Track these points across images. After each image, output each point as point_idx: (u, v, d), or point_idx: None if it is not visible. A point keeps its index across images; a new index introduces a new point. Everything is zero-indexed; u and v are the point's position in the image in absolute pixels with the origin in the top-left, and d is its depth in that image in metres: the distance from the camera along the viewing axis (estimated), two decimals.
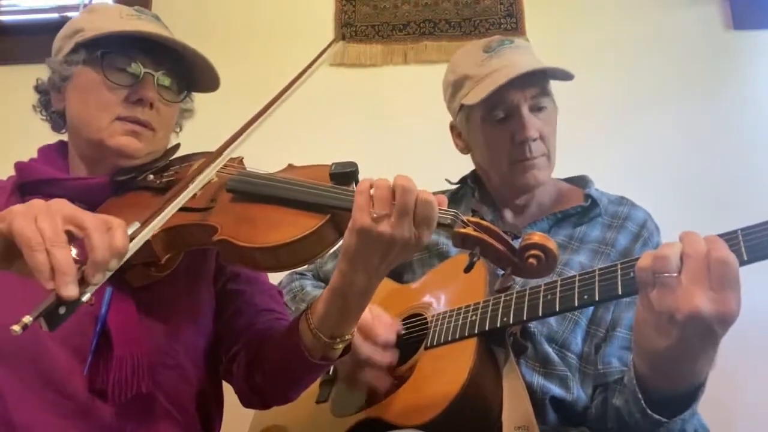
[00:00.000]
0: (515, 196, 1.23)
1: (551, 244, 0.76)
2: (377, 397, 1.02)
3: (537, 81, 1.16)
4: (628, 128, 1.89)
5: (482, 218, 0.79)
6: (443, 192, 1.36)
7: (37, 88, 1.07)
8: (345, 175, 0.88)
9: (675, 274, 0.71)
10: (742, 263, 0.71)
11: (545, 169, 1.19)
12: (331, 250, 0.88)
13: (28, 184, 1.01)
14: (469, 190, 1.33)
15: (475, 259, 0.78)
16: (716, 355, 0.75)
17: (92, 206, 0.94)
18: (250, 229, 0.84)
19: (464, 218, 0.79)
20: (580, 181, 1.30)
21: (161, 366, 0.95)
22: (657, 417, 0.81)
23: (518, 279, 1.13)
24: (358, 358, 0.99)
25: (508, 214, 1.26)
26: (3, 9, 2.14)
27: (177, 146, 1.08)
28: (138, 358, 0.89)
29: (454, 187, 1.38)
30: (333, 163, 0.90)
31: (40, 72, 1.03)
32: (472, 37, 1.99)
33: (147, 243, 0.85)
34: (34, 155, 1.09)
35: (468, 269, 0.79)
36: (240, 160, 1.02)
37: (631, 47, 1.96)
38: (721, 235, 0.73)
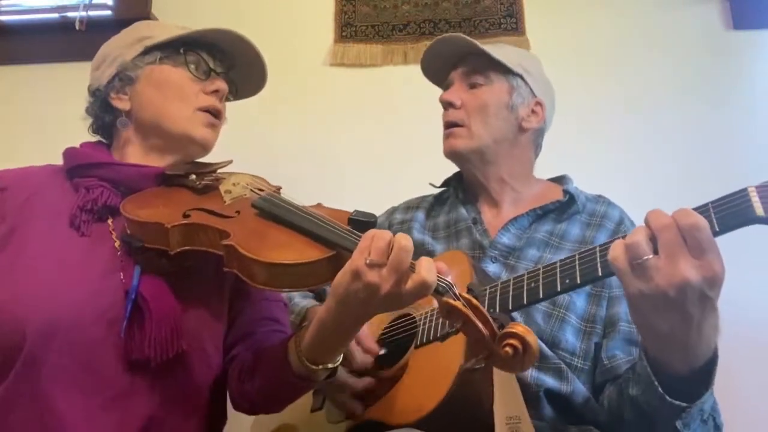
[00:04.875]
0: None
1: (532, 339, 0.74)
2: (371, 399, 1.03)
3: (472, 60, 1.30)
4: (627, 128, 1.89)
5: (476, 297, 0.79)
6: (426, 196, 1.41)
7: (95, 92, 1.12)
8: (362, 223, 0.94)
9: (651, 256, 0.71)
10: (715, 234, 0.71)
11: (460, 137, 1.26)
12: (325, 286, 0.91)
13: (78, 167, 1.07)
14: (453, 192, 1.35)
15: (452, 330, 0.79)
16: (719, 320, 0.74)
17: (134, 191, 1.03)
18: (258, 243, 0.88)
19: (457, 291, 0.80)
20: (559, 180, 1.32)
21: (187, 345, 0.96)
22: (677, 403, 0.79)
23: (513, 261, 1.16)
24: (335, 380, 1.01)
25: (487, 211, 1.28)
26: (3, 9, 2.13)
27: (229, 162, 1.15)
28: (174, 319, 0.93)
29: (439, 190, 1.40)
30: (355, 210, 0.97)
31: (40, 72, 1.04)
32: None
33: (164, 230, 0.93)
34: (35, 153, 1.12)
35: (443, 338, 0.80)
36: (278, 189, 1.10)
37: (631, 47, 1.96)
38: (728, 195, 0.73)
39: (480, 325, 0.76)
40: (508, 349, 0.74)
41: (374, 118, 1.97)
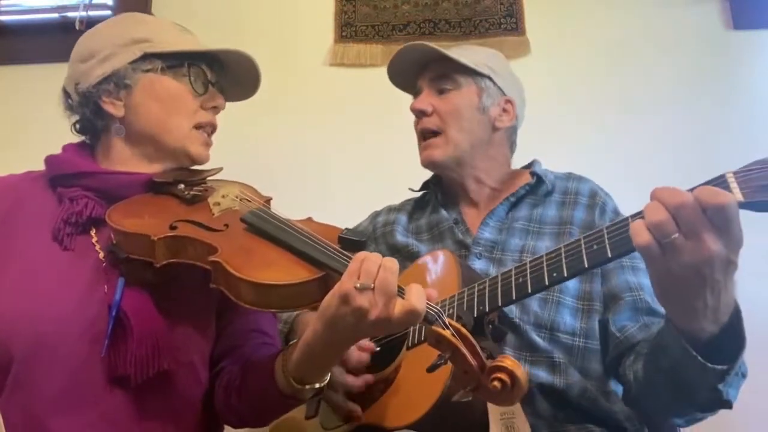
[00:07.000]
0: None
1: (521, 373, 0.74)
2: (366, 402, 1.02)
3: (438, 66, 1.29)
4: (627, 128, 1.89)
5: (464, 326, 0.78)
6: (408, 200, 1.42)
7: (85, 93, 1.05)
8: (352, 242, 0.92)
9: (677, 234, 0.71)
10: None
11: (438, 147, 1.26)
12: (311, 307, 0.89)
13: (61, 177, 1.04)
14: (432, 194, 1.36)
15: (441, 362, 0.77)
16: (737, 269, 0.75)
17: (120, 198, 1.00)
18: (245, 260, 0.86)
19: (446, 320, 0.78)
20: (528, 165, 1.35)
21: (173, 360, 0.95)
22: (719, 367, 0.77)
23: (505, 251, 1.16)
24: (331, 380, 1.00)
25: (468, 211, 1.29)
26: (3, 9, 2.14)
27: (219, 169, 1.13)
28: (156, 336, 0.91)
29: (419, 194, 1.41)
30: (345, 229, 0.95)
31: (40, 72, 1.03)
32: (472, 37, 1.99)
33: (150, 242, 0.90)
34: (34, 153, 1.10)
35: (431, 369, 0.78)
36: (268, 200, 1.07)
37: (631, 47, 1.96)
38: (708, 182, 0.74)
39: (469, 355, 0.75)
40: (496, 383, 0.73)
41: (374, 118, 1.97)
